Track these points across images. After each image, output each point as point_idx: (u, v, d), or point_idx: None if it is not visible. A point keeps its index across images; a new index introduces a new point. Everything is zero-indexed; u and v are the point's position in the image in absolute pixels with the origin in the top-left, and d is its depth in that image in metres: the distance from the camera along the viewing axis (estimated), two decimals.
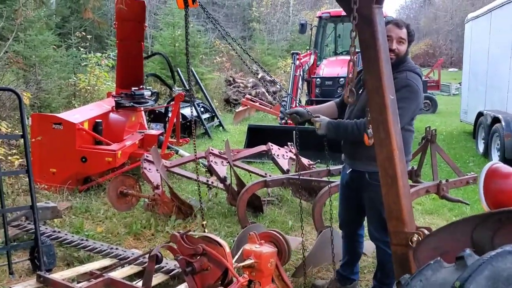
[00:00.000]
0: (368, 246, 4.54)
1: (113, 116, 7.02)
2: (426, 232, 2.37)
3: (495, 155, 8.44)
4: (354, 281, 3.70)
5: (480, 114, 9.79)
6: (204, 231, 3.02)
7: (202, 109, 11.67)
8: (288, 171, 5.62)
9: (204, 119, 11.33)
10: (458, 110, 13.03)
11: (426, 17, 49.91)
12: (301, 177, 4.60)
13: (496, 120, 8.51)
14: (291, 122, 3.51)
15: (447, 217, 5.56)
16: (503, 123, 8.04)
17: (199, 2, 3.38)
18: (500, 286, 1.15)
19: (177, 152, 7.31)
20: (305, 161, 5.97)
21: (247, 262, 3.09)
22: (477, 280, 1.18)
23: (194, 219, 5.12)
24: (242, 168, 5.93)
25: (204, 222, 3.04)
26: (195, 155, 3.52)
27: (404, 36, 3.11)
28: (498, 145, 8.34)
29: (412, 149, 3.70)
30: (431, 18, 48.59)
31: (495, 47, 9.67)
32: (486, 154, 8.95)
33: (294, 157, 5.80)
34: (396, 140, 2.30)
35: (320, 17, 12.00)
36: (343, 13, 11.32)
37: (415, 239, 2.27)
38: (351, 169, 3.35)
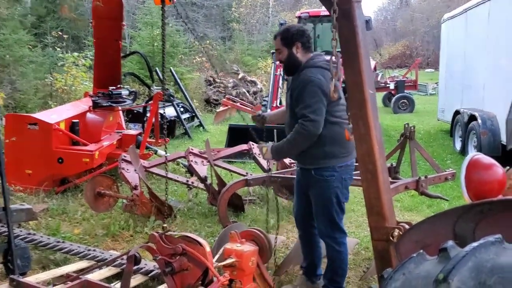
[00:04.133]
0: (349, 242, 4.54)
1: (90, 116, 6.90)
2: (407, 226, 2.36)
3: (472, 152, 8.56)
4: (314, 282, 3.61)
5: (457, 113, 9.92)
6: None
7: (181, 109, 11.58)
8: (269, 170, 5.59)
9: (184, 119, 11.24)
10: (435, 109, 13.20)
11: (403, 18, 50.53)
12: (282, 176, 4.59)
13: (472, 118, 8.63)
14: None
15: (425, 214, 5.60)
16: (479, 121, 8.16)
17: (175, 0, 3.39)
18: (484, 277, 1.14)
19: (155, 152, 7.21)
20: (286, 160, 5.94)
21: (228, 261, 3.05)
22: (461, 272, 1.16)
23: (174, 220, 5.05)
24: (223, 168, 5.87)
25: (165, 225, 2.97)
26: (166, 157, 3.45)
27: (278, 46, 3.28)
28: (475, 142, 8.46)
29: (391, 146, 3.73)
30: (407, 19, 49.20)
31: (471, 46, 9.82)
32: (463, 152, 9.08)
33: None
34: (376, 135, 2.29)
35: (299, 17, 12.01)
36: (322, 13, 11.41)
37: (396, 234, 2.27)
38: (300, 167, 3.43)
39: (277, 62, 10.45)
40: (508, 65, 7.71)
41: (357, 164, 2.60)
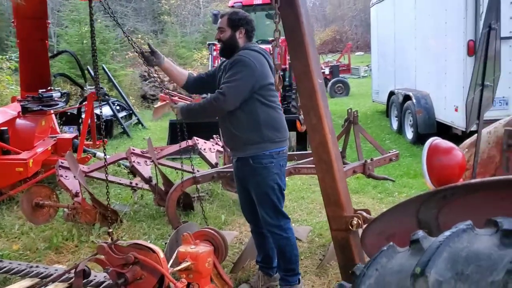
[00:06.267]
0: (302, 231, 4.56)
1: (20, 122, 6.44)
2: (365, 214, 2.36)
3: (409, 131, 8.88)
4: (271, 276, 3.57)
5: (391, 93, 10.24)
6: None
7: (118, 108, 11.16)
8: (216, 164, 5.49)
9: (121, 117, 10.84)
10: (369, 91, 13.57)
11: (331, 4, 51.57)
12: (231, 170, 4.50)
13: (407, 97, 8.93)
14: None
15: (372, 195, 5.72)
16: (414, 100, 8.46)
17: None
18: (460, 267, 1.11)
19: (94, 155, 6.90)
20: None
21: (183, 265, 2.94)
22: (437, 264, 1.12)
23: (120, 225, 4.83)
24: (168, 166, 5.69)
25: (110, 230, 2.83)
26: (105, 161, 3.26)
27: (222, 24, 3.22)
28: (410, 121, 8.77)
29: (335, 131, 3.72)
30: (335, 5, 50.29)
31: (400, 28, 10.13)
32: (400, 131, 9.39)
33: (222, 149, 5.67)
34: (328, 124, 2.25)
35: (232, 7, 11.85)
36: (255, 2, 11.32)
37: (355, 222, 2.25)
38: (236, 158, 3.33)
39: (215, 53, 10.29)
40: (437, 45, 8.01)
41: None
